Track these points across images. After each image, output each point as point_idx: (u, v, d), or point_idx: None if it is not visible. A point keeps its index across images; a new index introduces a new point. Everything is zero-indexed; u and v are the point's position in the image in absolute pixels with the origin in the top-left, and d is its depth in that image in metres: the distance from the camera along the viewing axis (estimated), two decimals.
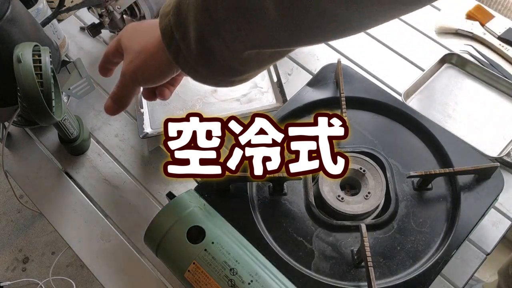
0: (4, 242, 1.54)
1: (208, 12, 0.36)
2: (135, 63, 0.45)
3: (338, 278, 0.52)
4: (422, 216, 0.56)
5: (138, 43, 0.45)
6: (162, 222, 0.52)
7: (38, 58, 0.54)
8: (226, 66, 0.40)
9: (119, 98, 0.50)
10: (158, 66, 0.44)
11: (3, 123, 0.70)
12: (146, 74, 0.46)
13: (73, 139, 0.67)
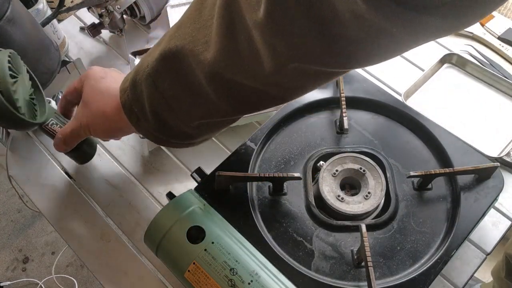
0: (4, 242, 1.54)
1: (158, 90, 0.41)
2: (92, 121, 0.50)
3: (338, 278, 0.52)
4: (422, 216, 0.56)
5: (97, 105, 0.49)
6: (162, 222, 0.52)
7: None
8: (181, 133, 0.46)
9: (69, 141, 0.54)
10: (120, 128, 0.49)
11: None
12: (103, 132, 0.52)
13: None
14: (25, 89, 0.53)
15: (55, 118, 0.57)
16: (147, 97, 0.42)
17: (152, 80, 0.41)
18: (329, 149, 0.60)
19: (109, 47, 0.82)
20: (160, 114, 0.43)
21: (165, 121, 0.43)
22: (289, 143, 0.63)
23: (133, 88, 0.44)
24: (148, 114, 0.44)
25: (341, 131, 0.62)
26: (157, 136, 0.46)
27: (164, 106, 0.42)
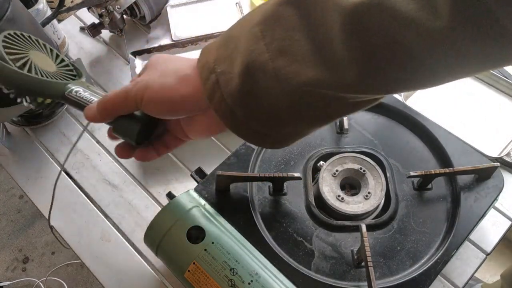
0: (4, 242, 1.54)
1: (263, 40, 0.31)
2: (152, 78, 0.37)
3: (338, 278, 0.52)
4: (422, 216, 0.56)
5: (164, 66, 0.38)
6: (162, 222, 0.52)
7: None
8: (270, 109, 0.33)
9: (107, 110, 0.40)
10: (181, 95, 0.36)
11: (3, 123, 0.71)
12: (159, 97, 0.36)
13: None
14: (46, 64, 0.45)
15: (84, 87, 0.45)
16: (243, 50, 0.32)
17: (259, 29, 0.31)
18: (329, 149, 0.60)
19: (109, 47, 0.82)
20: (254, 74, 0.31)
21: (257, 85, 0.32)
22: None
23: (224, 43, 0.34)
24: (235, 75, 0.32)
25: (341, 131, 0.62)
26: (233, 112, 0.33)
27: (266, 61, 0.31)
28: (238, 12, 0.83)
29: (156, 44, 0.80)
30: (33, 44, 0.46)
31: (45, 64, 0.45)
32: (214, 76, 0.33)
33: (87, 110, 0.41)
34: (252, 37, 0.31)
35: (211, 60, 0.34)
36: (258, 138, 0.35)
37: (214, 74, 0.33)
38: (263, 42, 0.31)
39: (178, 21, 0.83)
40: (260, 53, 0.31)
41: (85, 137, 0.72)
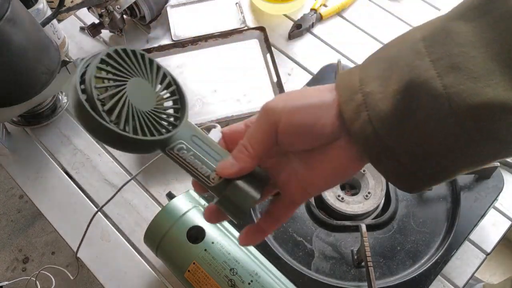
0: (4, 242, 1.54)
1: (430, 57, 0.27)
2: (291, 96, 0.33)
3: (338, 278, 0.52)
4: (422, 216, 0.56)
5: (293, 93, 0.33)
6: (162, 222, 0.52)
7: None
8: (428, 136, 0.27)
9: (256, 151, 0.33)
10: (314, 121, 0.31)
11: (3, 123, 0.71)
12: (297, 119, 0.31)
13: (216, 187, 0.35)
14: (145, 97, 0.35)
15: (189, 142, 0.35)
16: (402, 66, 0.28)
17: (423, 46, 0.27)
18: None
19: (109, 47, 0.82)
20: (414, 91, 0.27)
21: (416, 102, 0.27)
22: None
23: (372, 64, 0.30)
24: (388, 93, 0.28)
25: None
26: (378, 136, 0.28)
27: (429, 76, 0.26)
28: (238, 12, 0.83)
29: (156, 44, 0.80)
30: (136, 66, 0.35)
31: (143, 98, 0.34)
32: (360, 96, 0.29)
33: (224, 169, 0.34)
34: (414, 53, 0.28)
35: (355, 81, 0.30)
36: (400, 175, 0.29)
37: (360, 94, 0.29)
38: (428, 58, 0.27)
39: (178, 21, 0.83)
40: (425, 70, 0.27)
41: (85, 137, 0.72)
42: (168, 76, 0.36)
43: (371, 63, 0.30)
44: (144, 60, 0.35)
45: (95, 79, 0.31)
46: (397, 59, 0.28)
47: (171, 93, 0.36)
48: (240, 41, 0.79)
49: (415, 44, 0.28)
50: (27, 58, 0.60)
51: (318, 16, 0.81)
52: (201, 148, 0.35)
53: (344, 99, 0.30)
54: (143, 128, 0.33)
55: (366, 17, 0.83)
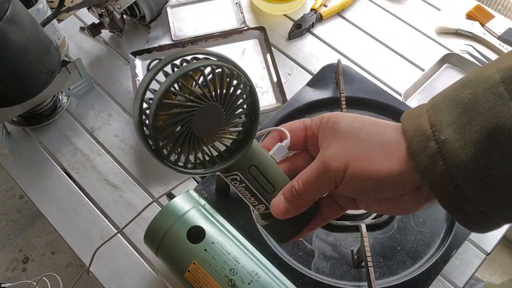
0: (4, 242, 1.54)
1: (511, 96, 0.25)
2: (350, 149, 0.31)
3: (338, 278, 0.52)
4: (422, 216, 0.56)
5: (362, 132, 0.31)
6: (162, 222, 0.52)
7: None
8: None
9: (307, 195, 0.32)
10: (387, 170, 0.29)
11: (3, 123, 0.71)
12: (365, 174, 0.30)
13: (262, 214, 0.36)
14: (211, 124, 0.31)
15: (245, 174, 0.34)
16: (483, 112, 0.26)
17: (505, 89, 0.26)
18: None
19: (109, 47, 0.82)
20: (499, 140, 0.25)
21: (501, 152, 0.25)
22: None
23: (445, 107, 0.28)
24: (467, 141, 0.26)
25: None
26: (458, 187, 0.27)
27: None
28: (238, 12, 0.83)
29: (156, 44, 0.80)
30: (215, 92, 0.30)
31: (210, 122, 0.31)
32: (435, 145, 0.27)
33: (275, 208, 0.33)
34: (496, 97, 0.26)
35: (425, 126, 0.28)
36: (480, 221, 0.28)
37: (434, 142, 0.27)
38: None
39: (178, 21, 0.83)
40: (510, 116, 0.25)
41: (85, 137, 0.72)
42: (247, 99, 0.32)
43: (442, 106, 0.28)
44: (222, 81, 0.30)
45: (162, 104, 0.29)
46: (475, 104, 0.27)
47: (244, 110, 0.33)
48: (240, 41, 0.79)
49: (495, 87, 0.26)
50: (27, 58, 0.60)
51: (318, 16, 0.81)
52: (255, 180, 0.34)
53: (416, 147, 0.28)
54: (203, 158, 0.32)
55: (366, 17, 0.83)
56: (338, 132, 0.32)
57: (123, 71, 0.79)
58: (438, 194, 0.28)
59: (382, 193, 0.30)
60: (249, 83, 0.32)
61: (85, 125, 0.73)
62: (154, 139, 0.29)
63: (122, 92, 0.76)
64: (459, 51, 0.77)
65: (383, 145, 0.30)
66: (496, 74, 0.26)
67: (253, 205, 0.35)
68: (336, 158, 0.31)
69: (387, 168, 0.29)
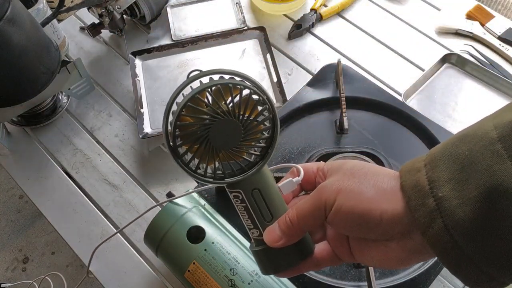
0: (4, 242, 1.54)
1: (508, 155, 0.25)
2: (345, 182, 0.31)
3: (338, 278, 0.52)
4: None
5: (361, 171, 0.32)
6: (162, 222, 0.52)
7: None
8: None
9: (297, 224, 0.33)
10: (381, 211, 0.29)
11: (3, 123, 0.71)
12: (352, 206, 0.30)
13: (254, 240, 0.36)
14: (230, 135, 0.33)
15: (247, 194, 0.35)
16: (481, 170, 0.26)
17: (502, 147, 0.26)
18: (329, 149, 0.60)
19: (109, 47, 0.82)
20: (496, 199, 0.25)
21: (500, 211, 0.25)
22: (289, 143, 0.63)
23: (442, 163, 0.28)
24: (466, 200, 0.26)
25: (341, 131, 0.62)
26: (457, 246, 0.26)
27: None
28: (238, 12, 0.83)
29: (156, 44, 0.80)
30: (238, 109, 0.32)
31: (228, 136, 0.33)
32: (433, 201, 0.27)
33: (267, 234, 0.34)
34: (493, 156, 0.26)
35: (423, 182, 0.28)
36: (483, 281, 0.27)
37: (432, 199, 0.27)
38: (510, 162, 0.25)
39: (178, 21, 0.83)
40: (508, 175, 0.25)
41: (85, 137, 0.72)
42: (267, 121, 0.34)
43: (440, 161, 0.28)
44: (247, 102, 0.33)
45: (182, 116, 0.32)
46: (472, 161, 0.26)
47: (263, 130, 0.34)
48: (240, 41, 0.79)
49: (492, 145, 0.26)
50: (27, 58, 0.60)
51: (318, 16, 0.81)
52: (255, 204, 0.35)
53: (414, 203, 0.28)
54: (213, 166, 0.34)
55: (366, 17, 0.83)
56: (340, 169, 0.33)
57: (123, 71, 0.79)
58: (438, 252, 0.27)
59: (368, 232, 0.30)
60: (273, 112, 0.34)
61: (85, 125, 0.73)
62: (173, 135, 0.32)
63: (122, 92, 0.76)
64: (459, 51, 0.77)
65: (376, 185, 0.30)
66: (493, 131, 0.26)
67: (248, 228, 0.35)
68: (329, 188, 0.31)
69: (375, 206, 0.29)
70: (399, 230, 0.29)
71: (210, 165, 0.34)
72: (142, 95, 0.73)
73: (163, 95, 0.74)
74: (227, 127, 0.32)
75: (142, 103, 0.72)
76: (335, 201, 0.30)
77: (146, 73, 0.76)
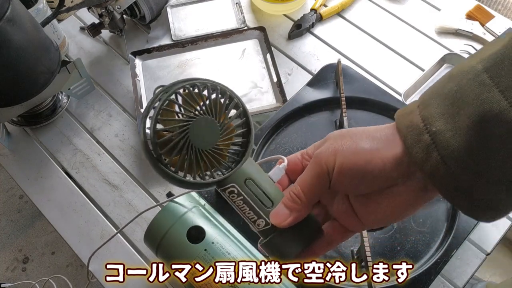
0: (4, 242, 1.54)
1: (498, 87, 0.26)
2: (339, 144, 0.33)
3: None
4: (422, 216, 0.56)
5: (351, 132, 0.33)
6: (162, 222, 0.52)
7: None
8: (505, 170, 0.27)
9: (307, 196, 0.33)
10: (382, 158, 0.30)
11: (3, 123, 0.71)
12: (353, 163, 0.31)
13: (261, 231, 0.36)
14: (208, 137, 0.34)
15: (241, 186, 0.35)
16: (470, 100, 0.27)
17: (487, 77, 0.27)
18: None
19: (109, 47, 0.82)
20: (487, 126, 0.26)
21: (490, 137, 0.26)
22: (289, 143, 0.63)
23: (432, 101, 0.29)
24: (458, 130, 0.27)
25: None
26: (454, 175, 0.28)
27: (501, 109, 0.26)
28: (238, 12, 0.83)
29: (156, 44, 0.80)
30: (209, 105, 0.34)
31: (207, 135, 0.34)
32: (428, 137, 0.29)
33: (274, 216, 0.34)
34: (480, 86, 0.27)
35: (417, 121, 0.29)
36: (479, 208, 0.29)
37: (427, 135, 0.29)
38: (496, 89, 0.26)
39: (178, 21, 0.83)
40: (496, 102, 0.26)
41: (85, 137, 0.72)
42: (240, 107, 0.36)
43: (431, 100, 0.30)
44: (215, 91, 0.34)
45: (161, 121, 0.32)
46: (461, 94, 0.28)
47: (238, 126, 0.36)
48: (240, 41, 0.79)
49: (478, 77, 0.27)
50: (27, 58, 0.60)
51: (318, 16, 0.81)
52: (252, 193, 0.35)
53: (411, 141, 0.29)
54: (201, 168, 0.34)
55: (366, 17, 0.83)
56: (328, 138, 0.34)
57: (123, 71, 0.79)
58: (437, 184, 0.29)
59: (373, 182, 0.31)
60: (237, 99, 0.35)
61: (85, 125, 0.73)
62: (154, 144, 0.32)
63: (122, 92, 0.76)
64: (459, 51, 0.77)
65: (370, 137, 0.32)
66: (479, 64, 0.28)
67: (253, 221, 0.35)
68: (326, 152, 0.32)
69: (376, 155, 0.31)
70: (402, 172, 0.30)
71: (198, 172, 0.34)
72: (142, 95, 0.73)
73: None
74: (204, 126, 0.33)
75: (142, 103, 0.72)
76: (335, 162, 0.31)
77: (146, 73, 0.76)
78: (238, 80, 0.74)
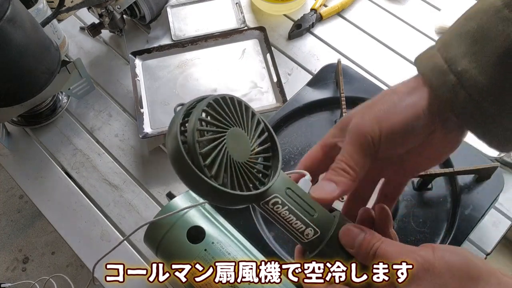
0: (4, 242, 1.54)
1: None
2: (374, 109, 0.32)
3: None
4: (422, 216, 0.56)
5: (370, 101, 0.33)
6: (162, 222, 0.52)
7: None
8: None
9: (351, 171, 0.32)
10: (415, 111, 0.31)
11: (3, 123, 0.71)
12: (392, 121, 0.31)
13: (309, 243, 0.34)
14: (241, 148, 0.33)
15: (284, 196, 0.33)
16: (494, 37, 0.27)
17: (509, 12, 0.27)
18: None
19: (109, 47, 0.82)
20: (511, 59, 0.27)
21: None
22: (289, 143, 0.63)
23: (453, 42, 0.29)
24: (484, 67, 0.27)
25: None
26: (482, 109, 0.28)
27: None
28: (238, 12, 0.83)
29: (156, 44, 0.80)
30: (235, 115, 0.33)
31: (240, 149, 0.33)
32: (453, 77, 0.29)
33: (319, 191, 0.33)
34: (503, 21, 0.27)
35: (440, 63, 0.29)
36: (507, 137, 0.30)
37: (452, 75, 0.29)
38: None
39: (178, 21, 0.83)
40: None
41: (85, 137, 0.72)
42: (261, 123, 0.35)
43: (452, 41, 0.29)
44: (241, 108, 0.33)
45: (197, 131, 0.30)
46: (483, 32, 0.28)
47: (263, 141, 0.35)
48: (240, 41, 0.79)
49: (500, 12, 0.27)
50: (27, 58, 0.60)
51: (318, 16, 0.81)
52: (295, 202, 0.33)
53: (436, 83, 0.29)
54: (240, 182, 0.32)
55: (366, 17, 0.83)
56: (355, 113, 0.33)
57: (123, 71, 0.79)
58: (466, 121, 0.29)
59: (416, 136, 0.31)
60: (251, 108, 0.34)
61: (85, 125, 0.73)
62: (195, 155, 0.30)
63: (122, 92, 0.76)
64: None
65: (398, 95, 0.31)
66: (498, 1, 0.27)
67: (301, 231, 0.33)
68: (367, 121, 0.31)
69: (413, 109, 0.30)
70: (435, 117, 0.31)
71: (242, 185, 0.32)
72: (142, 95, 0.73)
73: (163, 95, 0.74)
74: (237, 138, 0.32)
75: (142, 103, 0.72)
76: (380, 128, 0.31)
77: (146, 73, 0.76)
78: (238, 80, 0.74)
